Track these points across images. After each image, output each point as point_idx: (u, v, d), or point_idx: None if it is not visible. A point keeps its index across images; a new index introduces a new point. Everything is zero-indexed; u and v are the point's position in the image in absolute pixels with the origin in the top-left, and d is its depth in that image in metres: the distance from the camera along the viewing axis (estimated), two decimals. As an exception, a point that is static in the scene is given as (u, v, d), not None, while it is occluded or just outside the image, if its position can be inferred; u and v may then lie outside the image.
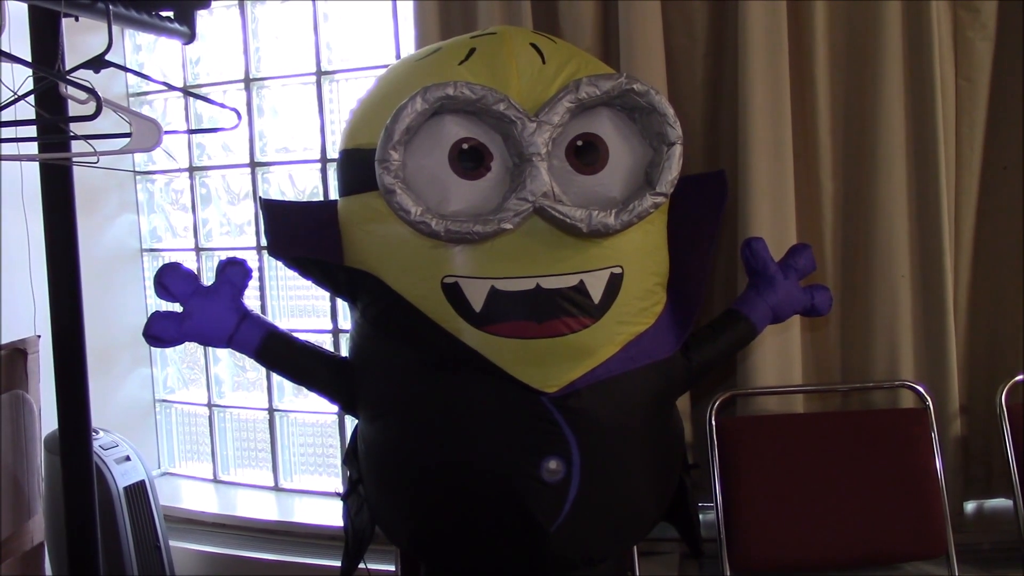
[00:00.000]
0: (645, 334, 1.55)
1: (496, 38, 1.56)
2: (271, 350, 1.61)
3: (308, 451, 2.82)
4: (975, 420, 2.19)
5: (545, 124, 1.40)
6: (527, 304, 1.44)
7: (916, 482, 2.01)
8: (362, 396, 1.61)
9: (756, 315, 1.72)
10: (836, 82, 2.13)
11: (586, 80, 1.42)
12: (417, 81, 1.44)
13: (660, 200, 1.44)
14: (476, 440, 1.50)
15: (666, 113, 1.44)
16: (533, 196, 1.38)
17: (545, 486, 1.47)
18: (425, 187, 1.43)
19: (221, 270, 1.59)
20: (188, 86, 2.80)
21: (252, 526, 2.65)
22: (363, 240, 1.55)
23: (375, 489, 1.62)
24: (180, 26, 1.76)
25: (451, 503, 1.54)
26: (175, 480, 2.98)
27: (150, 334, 1.56)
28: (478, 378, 1.48)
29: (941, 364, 2.10)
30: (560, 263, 1.45)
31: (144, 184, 2.96)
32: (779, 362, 2.13)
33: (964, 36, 2.08)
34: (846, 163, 2.14)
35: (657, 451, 1.63)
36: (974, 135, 2.11)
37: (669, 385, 1.63)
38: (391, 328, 1.54)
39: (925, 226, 2.08)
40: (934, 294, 2.08)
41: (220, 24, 2.79)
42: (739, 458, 2.05)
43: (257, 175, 2.75)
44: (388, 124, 1.38)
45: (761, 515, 2.01)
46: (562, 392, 1.47)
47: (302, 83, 2.71)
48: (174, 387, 3.05)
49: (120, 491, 2.20)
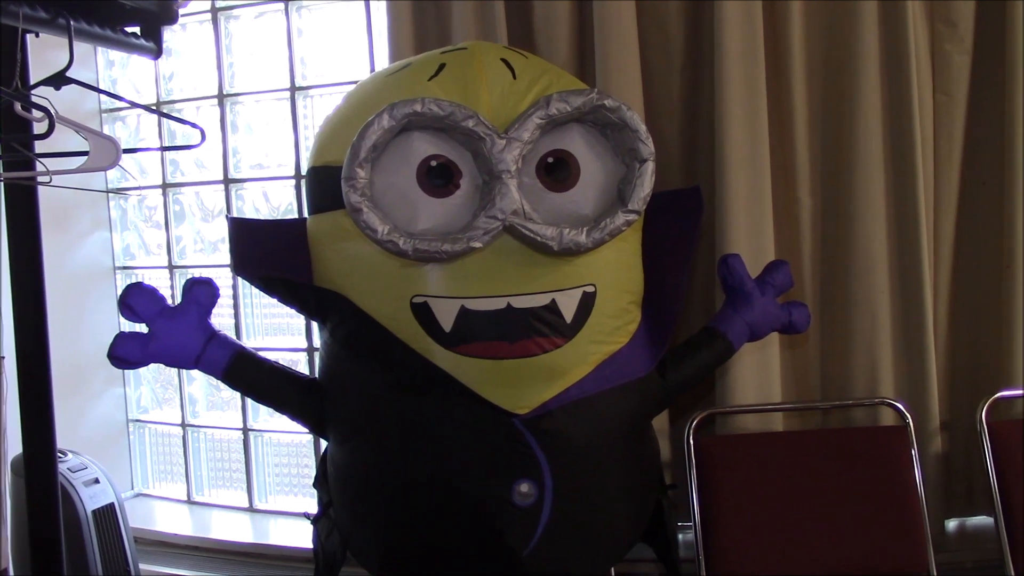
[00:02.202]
0: (619, 353, 1.53)
1: (466, 53, 1.55)
2: (239, 371, 1.58)
3: (283, 471, 2.78)
4: (956, 437, 2.18)
5: (515, 141, 1.38)
6: (498, 324, 1.42)
7: (897, 500, 1.99)
8: (331, 418, 1.59)
9: (733, 333, 1.71)
10: (813, 97, 2.12)
11: (557, 96, 1.40)
12: (386, 97, 1.42)
13: (632, 217, 1.42)
14: (446, 463, 1.47)
15: (638, 129, 1.42)
16: (503, 214, 1.36)
17: (517, 509, 1.45)
18: (393, 205, 1.41)
19: (188, 290, 1.57)
20: (161, 102, 2.78)
21: (226, 548, 2.60)
22: (332, 259, 1.53)
23: (345, 512, 1.60)
24: (147, 42, 1.73)
25: (421, 527, 1.51)
26: (149, 501, 2.93)
27: (114, 355, 1.53)
28: (448, 400, 1.46)
29: (921, 381, 2.08)
30: (531, 282, 1.43)
31: (117, 201, 2.92)
32: (758, 380, 2.11)
33: (941, 50, 2.07)
34: (824, 178, 2.13)
35: (632, 472, 1.61)
36: (952, 150, 2.10)
37: (644, 405, 1.62)
38: (360, 349, 1.52)
39: (904, 242, 2.07)
40: (914, 310, 2.07)
41: (193, 40, 2.76)
42: (718, 477, 2.02)
43: (231, 192, 2.72)
44: (354, 141, 1.36)
45: (740, 535, 1.98)
46: (534, 414, 1.45)
47: (276, 99, 2.68)
48: (148, 407, 3.00)
49: (88, 514, 2.16)
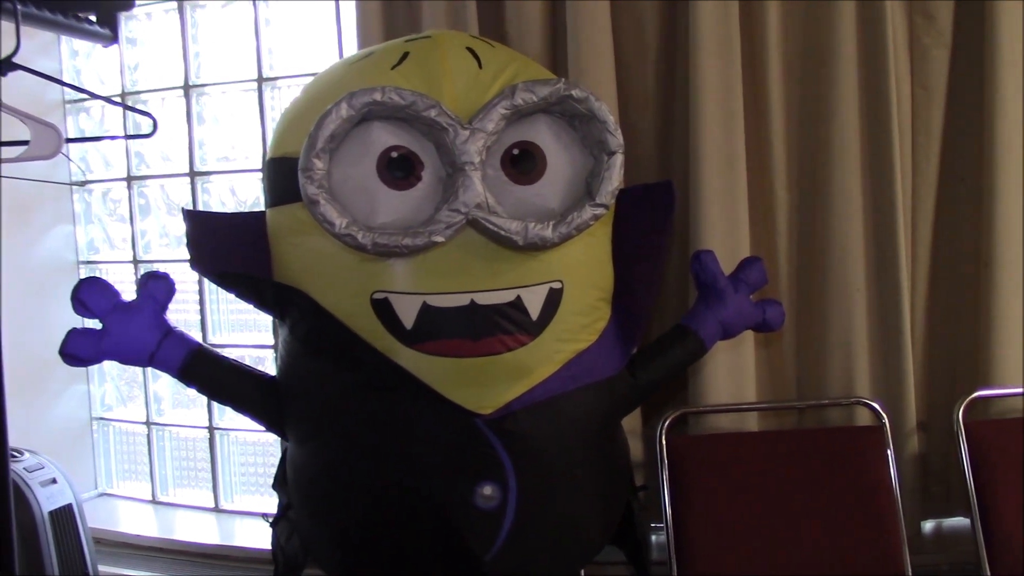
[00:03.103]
0: (587, 352, 1.49)
1: (431, 42, 1.50)
2: (195, 369, 1.53)
3: (250, 471, 2.72)
4: (933, 437, 2.15)
5: (479, 132, 1.34)
6: (461, 321, 1.38)
7: (872, 502, 1.95)
8: (291, 418, 1.54)
9: (705, 331, 1.67)
10: (790, 90, 2.08)
11: (522, 85, 1.36)
12: (347, 86, 1.37)
13: (600, 211, 1.38)
14: (407, 465, 1.43)
15: (606, 120, 1.38)
16: (466, 207, 1.32)
17: (479, 512, 1.41)
18: (352, 198, 1.36)
19: (143, 284, 1.52)
20: (126, 93, 2.71)
21: (191, 550, 2.55)
22: (290, 253, 1.47)
23: (304, 515, 1.55)
24: (102, 28, 1.66)
25: (382, 530, 1.46)
26: (112, 501, 2.87)
27: (66, 352, 1.47)
28: (409, 400, 1.41)
29: (898, 380, 2.05)
30: (496, 278, 1.39)
31: (81, 195, 2.85)
32: (732, 379, 2.07)
33: (920, 43, 2.04)
34: (800, 173, 2.10)
35: (601, 474, 1.57)
36: (930, 145, 2.07)
37: (613, 405, 1.58)
38: (320, 346, 1.47)
39: (881, 239, 2.04)
40: (890, 308, 2.04)
41: (159, 29, 2.70)
42: (690, 478, 1.99)
43: (197, 185, 2.65)
44: (312, 131, 1.31)
45: (713, 537, 1.95)
46: (498, 414, 1.40)
47: (243, 90, 2.62)
48: (112, 404, 2.94)
49: (45, 515, 2.08)
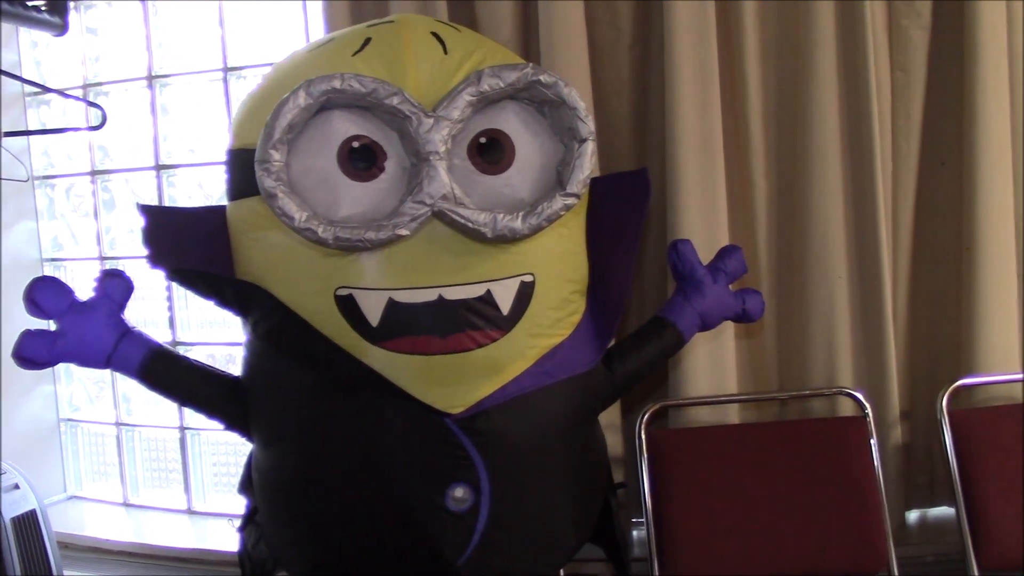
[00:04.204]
0: (561, 346, 1.43)
1: (394, 27, 1.44)
2: (154, 370, 1.46)
3: (222, 470, 2.67)
4: (917, 427, 2.13)
5: (444, 120, 1.28)
6: (429, 317, 1.32)
7: (856, 493, 1.92)
8: (255, 419, 1.48)
9: (683, 322, 1.62)
10: (767, 74, 2.05)
11: (488, 71, 1.31)
12: (306, 74, 1.31)
13: (572, 201, 1.33)
14: (375, 468, 1.37)
15: (576, 106, 1.33)
16: (431, 199, 1.26)
17: (451, 515, 1.36)
18: (312, 190, 1.30)
19: (99, 283, 1.45)
20: (88, 84, 2.64)
21: (163, 554, 2.49)
22: (251, 249, 1.41)
23: (270, 520, 1.49)
24: (51, 17, 1.60)
25: (351, 536, 1.41)
26: (82, 504, 2.81)
27: (19, 355, 1.40)
28: (376, 400, 1.35)
29: (880, 369, 2.02)
30: (464, 271, 1.33)
31: (44, 190, 2.78)
32: (712, 370, 2.04)
33: (899, 25, 2.00)
34: (779, 159, 2.06)
35: (577, 472, 1.52)
36: (910, 129, 2.03)
37: (589, 400, 1.53)
38: (283, 345, 1.41)
39: (862, 225, 2.00)
40: (872, 296, 2.01)
41: (121, 18, 2.62)
42: (671, 472, 1.95)
43: (162, 179, 2.58)
44: (268, 121, 1.26)
45: (694, 532, 1.91)
46: (469, 413, 1.35)
47: (209, 80, 2.55)
48: (80, 405, 2.87)
49: (7, 522, 2.03)
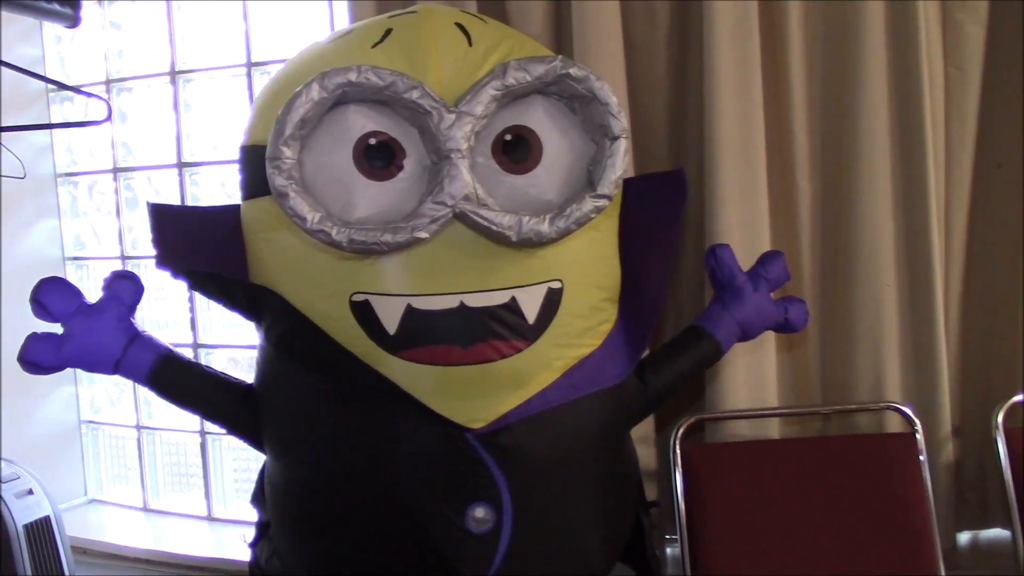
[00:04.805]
0: (590, 358, 1.36)
1: (416, 17, 1.37)
2: (164, 376, 1.42)
3: (243, 476, 2.60)
4: (969, 444, 2.02)
5: (466, 115, 1.21)
6: (450, 325, 1.25)
7: (904, 514, 1.83)
8: (267, 430, 1.42)
9: (721, 332, 1.54)
10: (813, 71, 1.95)
11: (515, 64, 1.24)
12: (323, 66, 1.25)
13: (602, 203, 1.25)
14: (390, 484, 1.30)
15: (608, 102, 1.25)
16: (452, 199, 1.19)
17: (471, 537, 1.29)
18: (326, 190, 1.24)
19: (108, 285, 1.40)
20: (110, 80, 2.60)
21: (182, 562, 2.44)
22: (263, 250, 1.36)
23: (282, 535, 1.43)
24: (63, 8, 1.54)
25: (365, 556, 1.35)
26: (102, 508, 2.76)
27: (25, 360, 1.36)
28: (393, 412, 1.29)
29: (931, 383, 1.92)
30: (488, 277, 1.26)
31: (67, 188, 2.74)
32: (752, 383, 1.95)
33: (953, 19, 1.90)
34: (824, 161, 1.97)
35: (606, 490, 1.44)
36: (965, 129, 1.93)
37: (620, 415, 1.45)
38: (295, 352, 1.36)
39: (912, 230, 1.90)
40: (923, 305, 1.91)
41: (144, 13, 2.58)
42: (706, 488, 1.87)
43: (184, 177, 2.54)
44: (279, 116, 1.20)
45: (731, 551, 1.82)
46: (491, 428, 1.28)
47: (232, 75, 2.50)
48: (101, 407, 2.83)
49: (19, 529, 1.98)
